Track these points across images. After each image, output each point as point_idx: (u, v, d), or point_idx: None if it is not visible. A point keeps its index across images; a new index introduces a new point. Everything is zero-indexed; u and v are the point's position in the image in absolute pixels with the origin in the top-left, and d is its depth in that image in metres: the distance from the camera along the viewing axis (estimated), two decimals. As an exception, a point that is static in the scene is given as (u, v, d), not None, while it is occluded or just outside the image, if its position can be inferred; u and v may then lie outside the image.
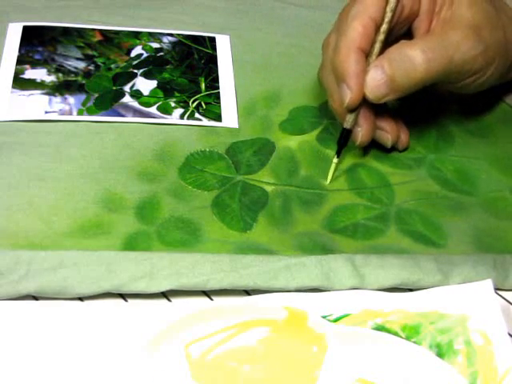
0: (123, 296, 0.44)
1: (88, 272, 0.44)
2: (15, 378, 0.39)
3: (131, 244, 0.46)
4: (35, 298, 0.44)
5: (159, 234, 0.47)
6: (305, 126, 0.56)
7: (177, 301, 0.44)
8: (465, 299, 0.43)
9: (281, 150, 0.54)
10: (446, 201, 0.52)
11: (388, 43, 0.50)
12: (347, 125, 0.51)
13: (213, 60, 0.61)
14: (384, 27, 0.50)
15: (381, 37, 0.50)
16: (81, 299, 0.44)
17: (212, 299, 0.45)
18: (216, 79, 0.59)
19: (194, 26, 0.64)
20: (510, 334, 0.43)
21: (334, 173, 0.52)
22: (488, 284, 0.44)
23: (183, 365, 0.40)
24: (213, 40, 0.63)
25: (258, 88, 0.59)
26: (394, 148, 0.54)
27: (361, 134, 0.51)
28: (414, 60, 0.48)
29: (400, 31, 0.52)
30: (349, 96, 0.49)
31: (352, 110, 0.50)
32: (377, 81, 0.49)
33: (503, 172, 0.54)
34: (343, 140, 0.51)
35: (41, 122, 0.54)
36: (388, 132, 0.53)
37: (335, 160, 0.52)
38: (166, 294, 0.45)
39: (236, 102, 0.57)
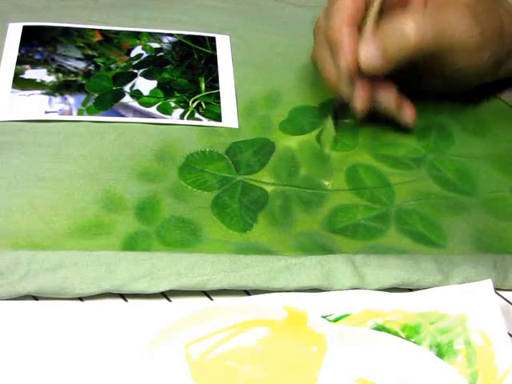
0: (123, 296, 0.44)
1: (88, 272, 0.44)
2: (15, 377, 0.39)
3: (131, 244, 0.46)
4: (35, 298, 0.44)
5: (159, 234, 0.47)
6: (305, 126, 0.56)
7: (177, 301, 0.44)
8: (465, 299, 0.43)
9: (281, 150, 0.54)
10: (445, 201, 0.52)
11: (382, 15, 0.50)
12: (343, 95, 0.51)
13: (213, 60, 0.61)
14: None
15: (374, 9, 0.50)
16: (81, 299, 0.44)
17: (212, 299, 0.45)
18: (216, 79, 0.59)
19: (194, 26, 0.64)
20: (510, 334, 0.43)
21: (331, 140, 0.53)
22: (488, 284, 0.44)
23: (183, 365, 0.40)
24: (213, 40, 0.63)
25: (257, 88, 0.59)
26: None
27: (359, 102, 0.51)
28: (407, 32, 0.48)
29: (395, 4, 0.52)
30: (345, 62, 0.49)
31: (350, 79, 0.50)
32: (370, 52, 0.49)
33: (503, 172, 0.54)
34: (339, 112, 0.51)
35: (41, 122, 0.54)
36: (390, 99, 0.53)
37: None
38: (165, 294, 0.45)
39: (236, 102, 0.57)
